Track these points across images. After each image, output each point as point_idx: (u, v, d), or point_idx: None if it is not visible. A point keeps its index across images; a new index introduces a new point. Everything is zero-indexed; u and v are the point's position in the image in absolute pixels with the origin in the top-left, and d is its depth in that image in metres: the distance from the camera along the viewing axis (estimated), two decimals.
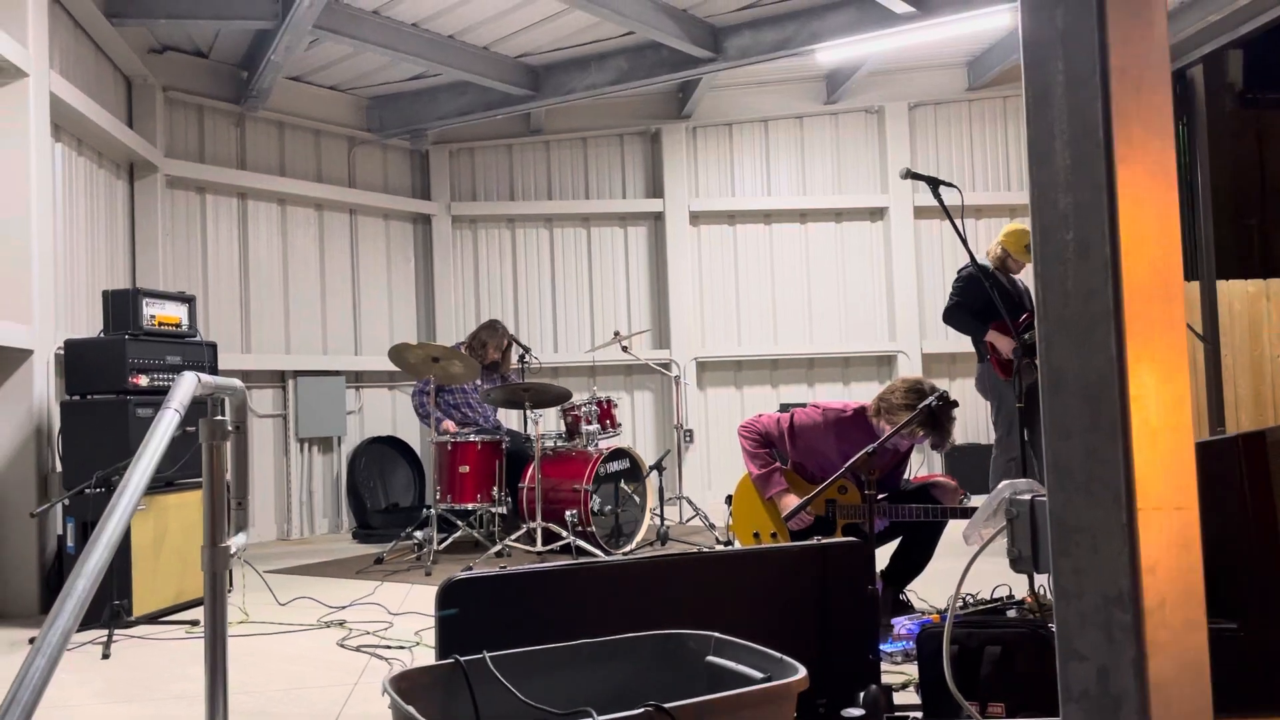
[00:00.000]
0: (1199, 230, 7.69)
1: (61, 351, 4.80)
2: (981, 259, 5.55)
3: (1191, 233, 7.69)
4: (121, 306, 4.72)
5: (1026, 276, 6.19)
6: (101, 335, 4.76)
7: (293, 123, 7.67)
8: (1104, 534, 1.27)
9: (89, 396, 4.62)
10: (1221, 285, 7.64)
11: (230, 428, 2.26)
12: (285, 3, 5.98)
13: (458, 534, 5.90)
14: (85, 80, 5.74)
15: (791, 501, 3.97)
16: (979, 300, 5.75)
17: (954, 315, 5.89)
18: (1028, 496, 1.50)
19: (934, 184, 3.98)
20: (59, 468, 4.70)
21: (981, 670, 2.50)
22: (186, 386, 2.00)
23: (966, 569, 2.14)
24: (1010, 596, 3.28)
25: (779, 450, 4.15)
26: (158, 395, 4.59)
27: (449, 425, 6.45)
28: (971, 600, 3.31)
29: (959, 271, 5.93)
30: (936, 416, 3.74)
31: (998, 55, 8.12)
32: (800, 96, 8.68)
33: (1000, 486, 1.90)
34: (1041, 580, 3.18)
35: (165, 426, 1.85)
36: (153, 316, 4.79)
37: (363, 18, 6.56)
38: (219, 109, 7.21)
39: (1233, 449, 2.34)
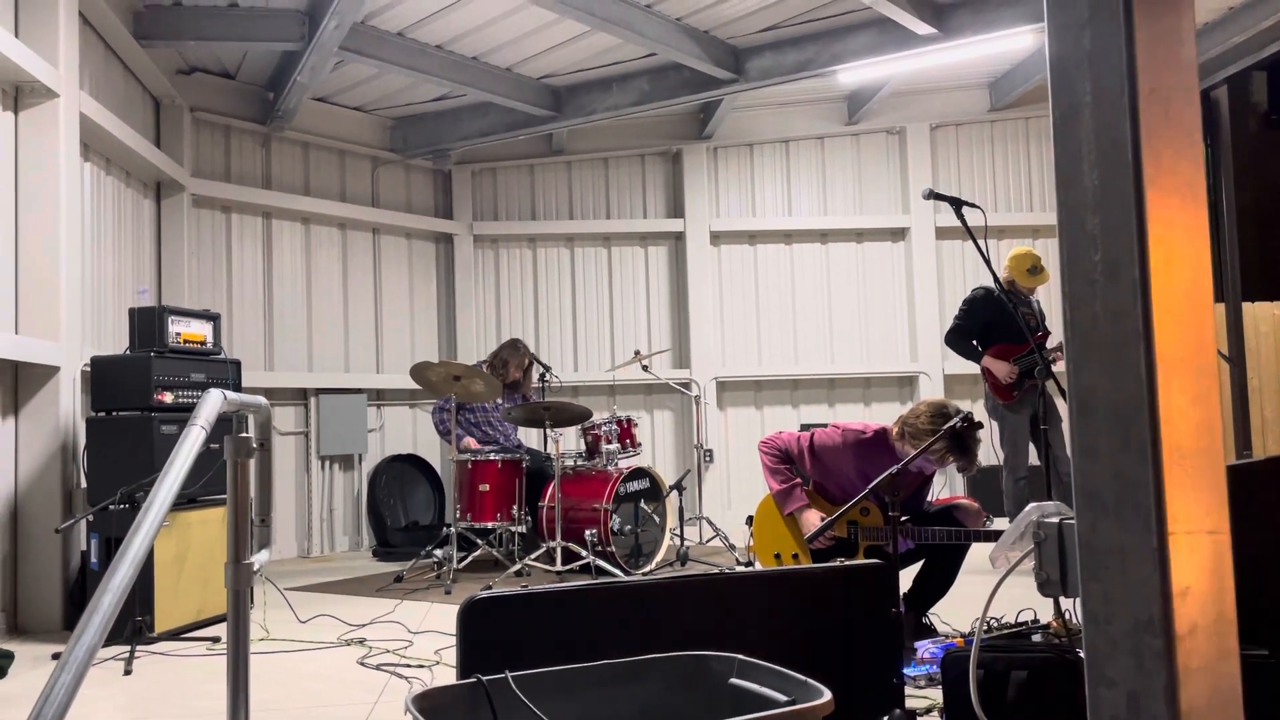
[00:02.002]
0: (1224, 252, 7.63)
1: (88, 368, 4.85)
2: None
3: (1217, 254, 7.63)
4: (147, 324, 4.76)
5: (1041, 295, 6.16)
6: (127, 352, 4.81)
7: (318, 143, 7.75)
8: (1134, 558, 1.25)
9: (114, 413, 4.66)
10: (1247, 307, 7.56)
11: (255, 445, 2.26)
12: (311, 25, 6.06)
13: (477, 553, 5.90)
14: (114, 101, 5.82)
15: (812, 517, 3.95)
16: (981, 322, 5.73)
17: (952, 339, 5.88)
18: (1056, 519, 1.48)
19: (957, 204, 3.97)
20: (84, 484, 4.73)
21: (1008, 695, 2.47)
22: (212, 403, 2.00)
23: (994, 592, 2.11)
24: (1035, 621, 3.24)
25: (799, 469, 4.14)
26: (183, 412, 4.63)
27: (470, 442, 6.46)
28: (996, 624, 3.27)
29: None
30: (962, 439, 3.71)
31: (1020, 76, 8.11)
32: (821, 117, 8.70)
33: (1028, 509, 1.88)
34: (1068, 604, 3.14)
35: (191, 443, 1.85)
36: (178, 334, 4.84)
37: (388, 39, 6.63)
38: (245, 129, 7.30)
39: (1264, 472, 2.30)
